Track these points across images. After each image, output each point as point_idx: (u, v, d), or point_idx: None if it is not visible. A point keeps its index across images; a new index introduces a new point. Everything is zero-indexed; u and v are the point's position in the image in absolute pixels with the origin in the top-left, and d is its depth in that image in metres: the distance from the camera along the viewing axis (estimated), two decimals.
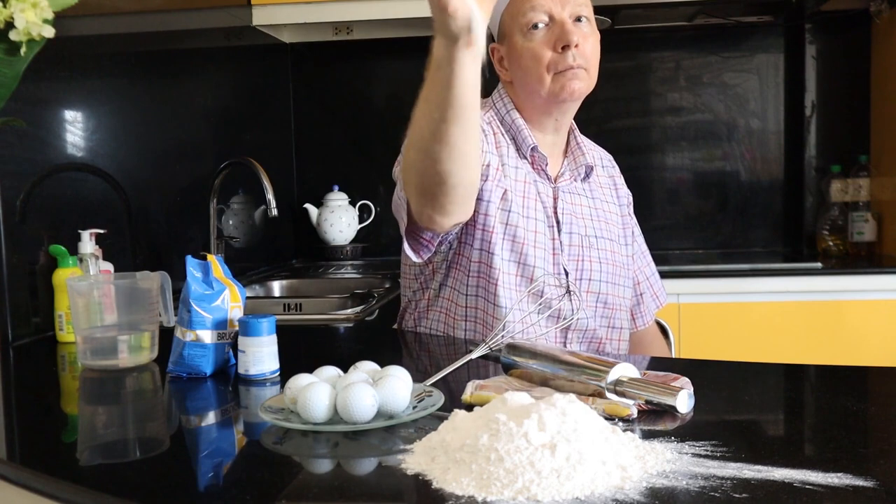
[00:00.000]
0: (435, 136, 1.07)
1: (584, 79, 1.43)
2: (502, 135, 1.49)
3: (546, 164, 1.49)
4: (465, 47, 0.98)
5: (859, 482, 0.72)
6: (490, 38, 1.53)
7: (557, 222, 1.48)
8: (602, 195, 1.58)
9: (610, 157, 1.67)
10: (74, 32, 1.75)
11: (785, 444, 0.86)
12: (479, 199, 1.38)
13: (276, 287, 2.61)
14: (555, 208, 1.49)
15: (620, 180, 1.65)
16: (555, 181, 1.51)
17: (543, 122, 1.50)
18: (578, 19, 1.42)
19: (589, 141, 1.61)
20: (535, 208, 1.46)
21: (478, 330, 1.46)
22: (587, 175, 1.55)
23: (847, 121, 2.93)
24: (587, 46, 1.42)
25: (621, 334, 1.55)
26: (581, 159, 1.53)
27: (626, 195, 1.64)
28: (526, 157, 1.48)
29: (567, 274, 1.47)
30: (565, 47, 1.40)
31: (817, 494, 0.70)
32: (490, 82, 1.58)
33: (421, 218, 1.25)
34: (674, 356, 1.82)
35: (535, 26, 1.41)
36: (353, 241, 3.02)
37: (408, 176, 1.21)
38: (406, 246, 1.36)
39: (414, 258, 1.39)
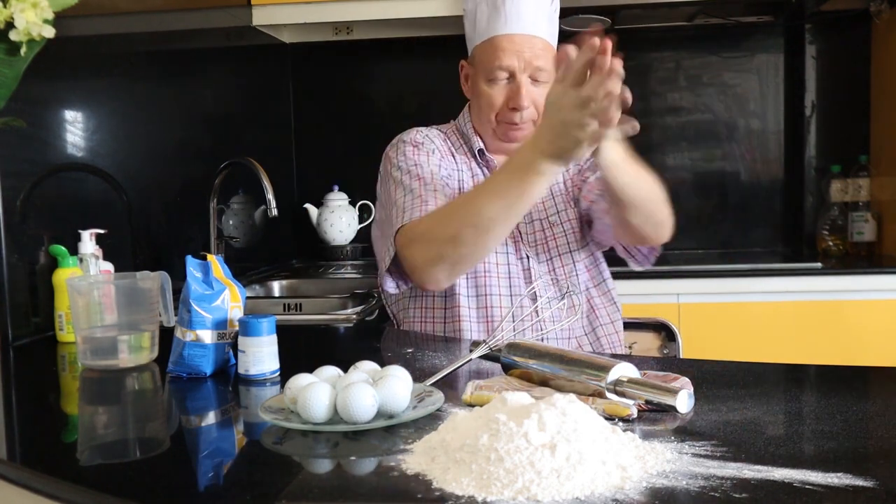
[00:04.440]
0: (497, 224, 1.30)
1: (528, 129, 1.55)
2: (462, 144, 1.65)
3: (496, 166, 1.60)
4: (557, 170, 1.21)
5: (859, 482, 0.72)
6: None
7: None
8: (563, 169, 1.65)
9: None
10: (74, 32, 1.75)
11: (785, 444, 0.86)
12: None
13: (276, 287, 2.61)
14: None
15: None
16: None
17: (494, 143, 1.62)
18: (537, 77, 1.52)
19: None
20: None
21: (448, 329, 1.56)
22: None
23: (847, 121, 2.93)
24: (538, 101, 1.51)
25: (598, 290, 1.63)
26: None
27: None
28: (480, 161, 1.62)
29: (528, 258, 1.57)
30: (515, 108, 1.53)
31: (817, 494, 0.70)
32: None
33: (426, 278, 1.40)
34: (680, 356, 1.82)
35: (496, 78, 1.53)
36: (353, 241, 3.01)
37: (437, 245, 1.36)
38: (388, 283, 1.51)
39: (394, 291, 1.54)
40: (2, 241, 1.51)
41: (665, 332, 1.89)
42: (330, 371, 1.00)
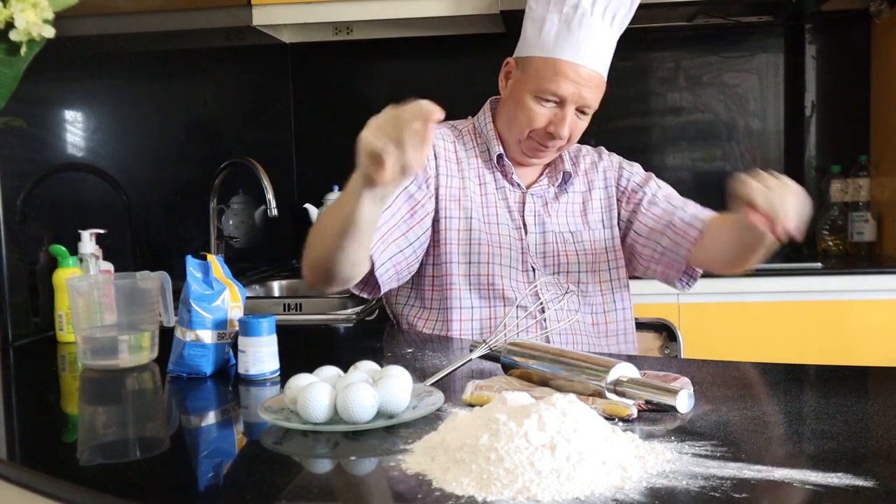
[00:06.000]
0: (334, 245, 1.24)
1: (552, 154, 1.55)
2: (476, 145, 1.60)
3: (513, 173, 1.57)
4: (377, 197, 1.13)
5: (859, 482, 0.72)
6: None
7: (524, 224, 1.56)
8: (584, 187, 1.63)
9: (599, 149, 1.70)
10: (74, 32, 1.75)
11: (785, 444, 0.86)
12: (435, 220, 1.51)
13: (276, 287, 2.61)
14: (522, 213, 1.57)
15: (609, 163, 1.66)
16: (528, 187, 1.59)
17: (516, 153, 1.57)
18: (583, 110, 1.49)
19: (577, 146, 1.68)
20: (499, 213, 1.55)
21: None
22: (565, 181, 1.60)
23: (847, 121, 2.93)
24: (575, 132, 1.51)
25: (606, 317, 1.59)
26: (560, 166, 1.60)
27: (614, 176, 1.64)
28: (496, 166, 1.57)
29: (535, 270, 1.54)
30: (552, 134, 1.49)
31: (817, 494, 0.70)
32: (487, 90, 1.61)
33: (309, 284, 1.38)
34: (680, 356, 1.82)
35: (546, 99, 1.47)
36: None
37: (309, 258, 1.33)
38: (354, 289, 1.46)
39: (364, 295, 1.48)
40: (2, 241, 1.51)
41: (666, 332, 1.89)
42: (330, 371, 1.00)
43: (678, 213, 1.55)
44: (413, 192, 1.49)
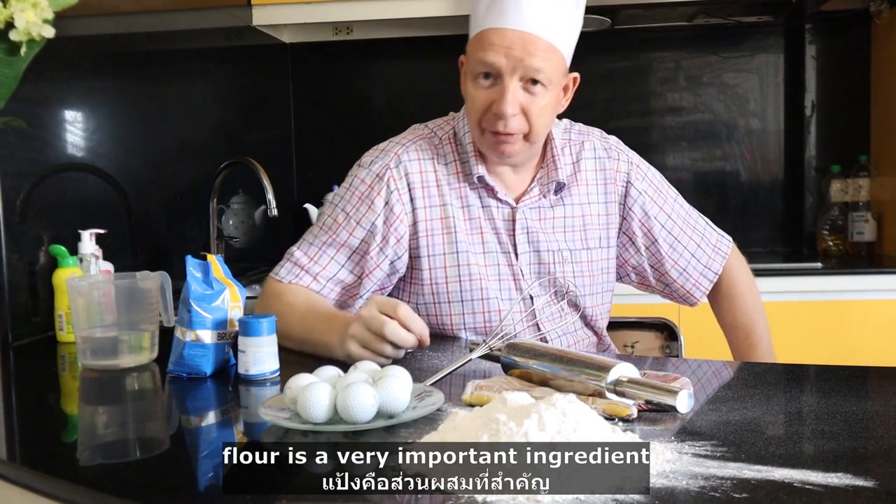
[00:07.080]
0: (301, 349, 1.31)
1: (516, 143, 1.36)
2: (456, 159, 1.44)
3: (498, 191, 1.43)
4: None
5: (859, 482, 0.72)
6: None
7: (515, 246, 1.43)
8: (584, 199, 1.49)
9: (610, 143, 1.56)
10: (74, 32, 1.75)
11: (785, 444, 0.86)
12: (417, 257, 1.42)
13: None
14: (513, 232, 1.43)
15: (617, 169, 1.52)
16: (517, 201, 1.44)
17: (487, 154, 1.42)
18: (533, 81, 1.32)
19: (581, 130, 1.54)
20: (486, 240, 1.42)
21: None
22: (559, 189, 1.46)
23: (847, 121, 2.93)
24: (531, 111, 1.33)
25: (602, 340, 1.56)
26: (553, 175, 1.45)
27: (619, 191, 1.52)
28: (478, 184, 1.43)
29: (532, 299, 1.44)
30: (497, 114, 1.33)
31: (817, 494, 0.70)
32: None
33: None
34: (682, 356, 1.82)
35: (484, 76, 1.34)
36: None
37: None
38: None
39: None
40: (2, 241, 1.51)
41: (667, 331, 1.89)
42: (330, 371, 1.00)
43: (692, 264, 1.60)
44: (373, 256, 1.41)
